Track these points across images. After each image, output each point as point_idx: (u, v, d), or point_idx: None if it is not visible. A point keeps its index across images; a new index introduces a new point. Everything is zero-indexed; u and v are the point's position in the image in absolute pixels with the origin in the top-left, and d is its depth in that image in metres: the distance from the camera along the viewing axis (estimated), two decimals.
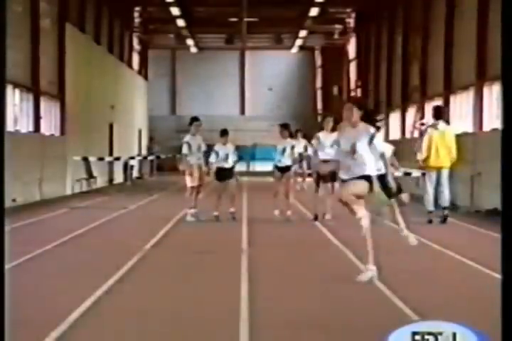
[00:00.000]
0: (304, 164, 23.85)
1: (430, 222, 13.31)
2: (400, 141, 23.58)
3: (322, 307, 6.28)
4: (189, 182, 13.64)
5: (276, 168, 13.86)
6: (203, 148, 13.74)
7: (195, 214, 13.59)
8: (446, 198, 13.59)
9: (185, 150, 13.53)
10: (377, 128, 7.56)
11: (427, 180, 13.66)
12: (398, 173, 11.70)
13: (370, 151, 7.35)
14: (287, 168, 13.80)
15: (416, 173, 15.43)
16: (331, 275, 7.96)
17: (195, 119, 13.78)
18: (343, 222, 13.66)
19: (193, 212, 13.62)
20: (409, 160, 16.13)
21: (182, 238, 11.43)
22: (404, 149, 17.75)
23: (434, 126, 13.34)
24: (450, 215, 14.79)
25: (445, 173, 13.52)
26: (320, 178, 13.30)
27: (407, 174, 15.61)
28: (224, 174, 13.62)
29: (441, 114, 13.50)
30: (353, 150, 7.33)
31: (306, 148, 25.26)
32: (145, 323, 5.65)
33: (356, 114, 7.39)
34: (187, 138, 13.65)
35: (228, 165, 13.67)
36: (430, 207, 13.43)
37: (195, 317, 5.86)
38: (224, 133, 13.83)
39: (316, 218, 13.61)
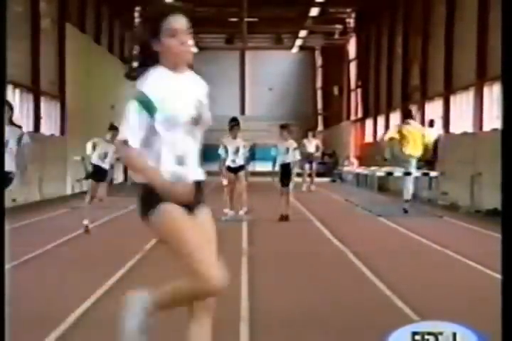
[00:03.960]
0: (314, 164, 23.76)
1: (406, 211, 14.92)
2: None
3: (322, 307, 6.27)
4: (224, 181, 13.83)
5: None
6: (242, 149, 13.69)
7: (227, 215, 13.68)
8: (409, 190, 15.26)
9: (220, 151, 13.75)
10: None
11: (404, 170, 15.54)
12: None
13: None
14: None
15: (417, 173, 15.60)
16: (332, 275, 7.96)
17: (232, 120, 14.04)
18: (342, 221, 13.68)
19: (226, 212, 13.71)
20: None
21: None
22: None
23: (404, 122, 15.84)
24: (450, 215, 14.83)
25: (413, 162, 15.34)
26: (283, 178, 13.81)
27: (407, 174, 15.65)
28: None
29: (411, 115, 16.21)
30: None
31: (317, 148, 25.06)
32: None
33: None
34: (223, 139, 13.82)
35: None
36: (407, 196, 15.22)
37: None
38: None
39: (282, 218, 13.72)
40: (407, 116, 16.17)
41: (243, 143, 13.73)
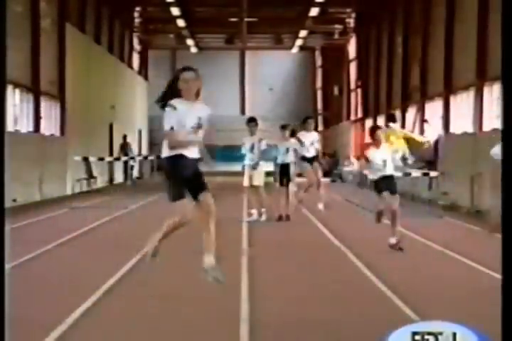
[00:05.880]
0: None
1: None
2: None
3: (322, 307, 6.27)
4: (244, 182, 13.75)
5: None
6: (256, 147, 13.40)
7: (250, 215, 13.68)
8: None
9: (242, 149, 13.74)
10: None
11: None
12: None
13: None
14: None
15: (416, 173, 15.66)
16: (331, 275, 7.96)
17: (250, 120, 13.92)
18: (342, 221, 13.68)
19: (250, 212, 13.73)
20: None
21: (182, 238, 11.39)
22: None
23: (387, 126, 16.70)
24: (450, 215, 14.84)
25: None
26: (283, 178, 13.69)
27: (407, 174, 15.67)
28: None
29: (393, 118, 17.42)
30: None
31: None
32: (145, 323, 5.65)
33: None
34: (244, 138, 13.73)
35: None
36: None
37: (195, 317, 5.86)
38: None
39: (280, 218, 13.68)
40: (390, 120, 17.41)
41: (257, 138, 13.40)
